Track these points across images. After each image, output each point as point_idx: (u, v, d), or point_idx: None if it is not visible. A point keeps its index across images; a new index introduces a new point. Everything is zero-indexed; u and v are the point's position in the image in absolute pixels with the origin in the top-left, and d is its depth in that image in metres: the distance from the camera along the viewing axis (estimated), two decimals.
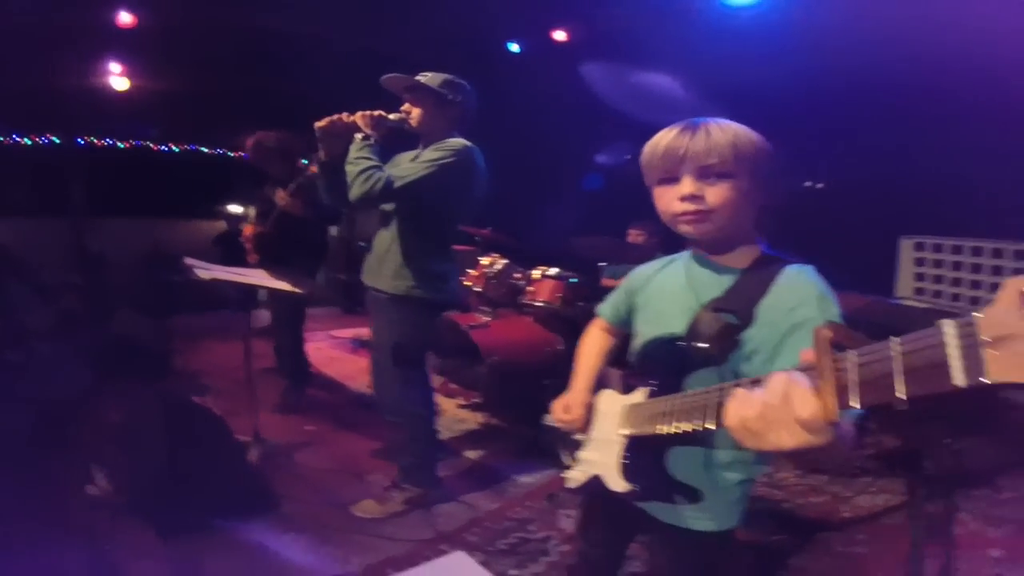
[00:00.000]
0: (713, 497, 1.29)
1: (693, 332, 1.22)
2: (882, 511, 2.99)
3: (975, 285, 2.12)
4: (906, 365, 0.55)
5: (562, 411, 1.50)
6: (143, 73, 6.91)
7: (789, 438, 0.73)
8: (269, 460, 3.25)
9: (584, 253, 4.03)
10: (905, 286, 2.38)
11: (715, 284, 1.28)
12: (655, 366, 1.29)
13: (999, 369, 0.47)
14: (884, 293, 2.42)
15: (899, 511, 2.95)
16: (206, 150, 9.25)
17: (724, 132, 1.19)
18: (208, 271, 3.14)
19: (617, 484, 1.27)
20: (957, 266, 2.20)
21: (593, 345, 1.62)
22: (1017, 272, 1.96)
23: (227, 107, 7.26)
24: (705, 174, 1.19)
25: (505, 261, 4.28)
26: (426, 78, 2.65)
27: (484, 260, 4.33)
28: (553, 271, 4.11)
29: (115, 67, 6.84)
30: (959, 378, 0.50)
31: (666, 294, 1.40)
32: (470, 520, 2.86)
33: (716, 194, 1.19)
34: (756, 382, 0.86)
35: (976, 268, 2.11)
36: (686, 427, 1.03)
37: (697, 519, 1.32)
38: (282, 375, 4.32)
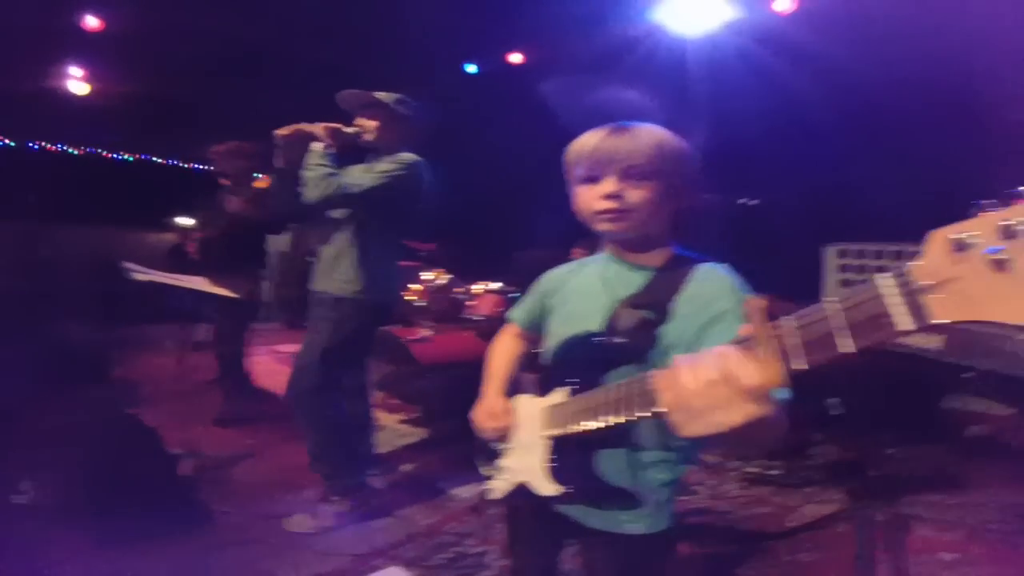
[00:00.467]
0: (640, 498, 1.27)
1: (611, 328, 1.23)
2: (828, 519, 3.00)
3: None
4: (849, 320, 0.58)
5: (487, 419, 1.46)
6: (105, 78, 6.83)
7: (736, 413, 0.70)
8: (204, 472, 3.22)
9: (527, 268, 4.11)
10: (832, 292, 2.46)
11: (631, 282, 1.30)
12: (573, 365, 1.27)
13: (944, 311, 0.50)
14: (814, 299, 2.52)
15: (845, 519, 2.95)
16: (159, 160, 9.13)
17: (650, 135, 1.24)
18: (146, 274, 3.18)
19: (546, 488, 1.24)
20: (880, 270, 2.29)
21: (505, 350, 1.61)
22: None
23: (184, 118, 7.18)
24: (628, 175, 1.23)
25: (449, 276, 4.35)
26: (382, 95, 2.83)
27: (427, 275, 4.39)
28: (495, 286, 4.18)
29: (76, 71, 6.76)
30: (905, 323, 0.52)
31: (582, 294, 1.40)
32: (406, 535, 2.81)
33: (637, 195, 1.23)
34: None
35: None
36: (615, 420, 1.02)
37: (629, 522, 1.28)
38: (223, 388, 4.29)
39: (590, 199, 1.28)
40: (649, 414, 0.93)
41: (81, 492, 2.57)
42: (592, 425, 1.10)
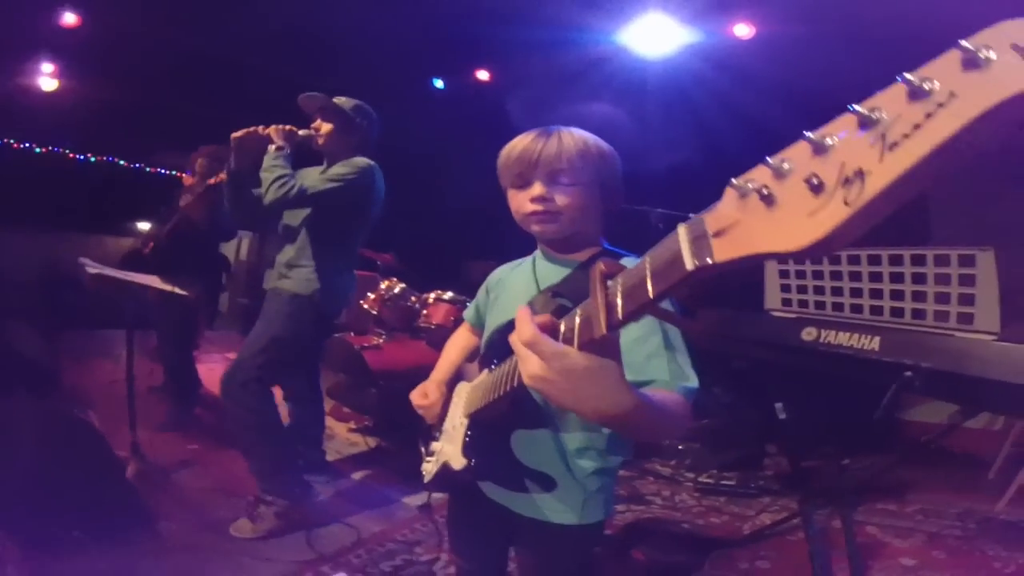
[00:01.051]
0: (569, 486, 1.28)
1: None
2: (785, 527, 3.01)
3: (836, 292, 2.26)
4: (651, 269, 0.61)
5: (420, 396, 1.52)
6: (74, 75, 6.73)
7: (532, 366, 0.77)
8: (147, 478, 3.10)
9: (477, 278, 4.12)
10: (773, 299, 2.50)
11: (556, 276, 1.35)
12: (495, 351, 1.28)
13: (722, 252, 0.53)
14: (756, 307, 2.56)
15: (800, 528, 2.87)
16: (123, 163, 9.00)
17: (575, 140, 1.29)
18: (97, 268, 3.16)
19: (457, 461, 1.26)
20: (818, 275, 2.33)
21: (455, 342, 1.68)
22: (872, 276, 2.13)
23: (154, 122, 7.11)
24: (554, 179, 1.28)
25: (402, 285, 4.34)
26: (340, 101, 2.90)
27: (383, 284, 4.37)
28: (448, 295, 4.18)
29: (47, 67, 6.64)
30: (689, 263, 0.55)
31: (514, 287, 1.47)
32: (354, 542, 2.76)
33: (563, 197, 1.28)
34: None
35: (836, 275, 2.26)
36: (510, 386, 1.03)
37: (556, 511, 1.29)
38: (169, 393, 4.21)
39: (520, 202, 1.33)
40: (515, 383, 0.97)
41: (25, 498, 2.48)
42: (493, 396, 1.12)
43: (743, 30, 4.44)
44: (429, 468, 1.44)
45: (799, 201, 0.47)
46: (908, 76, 0.42)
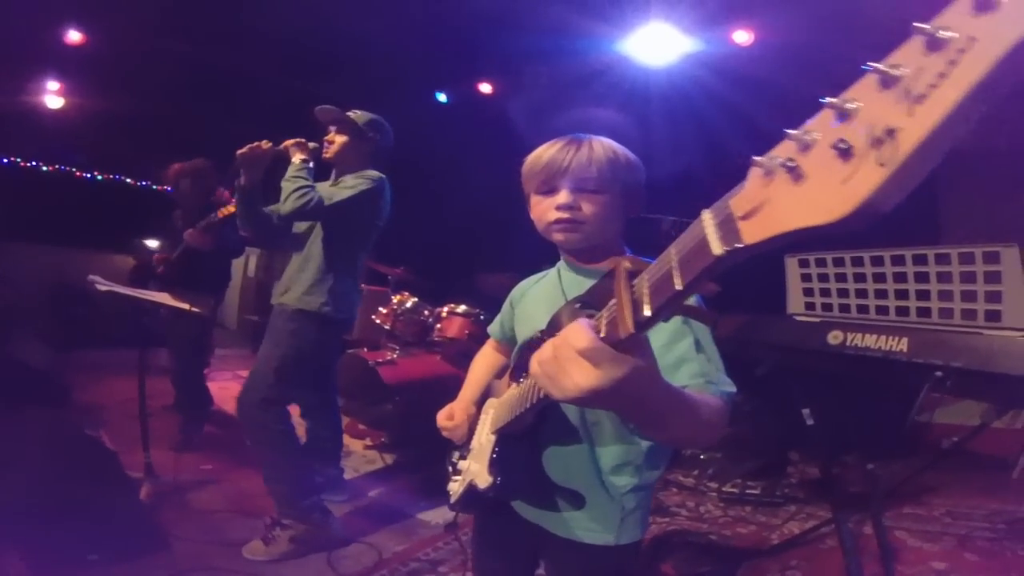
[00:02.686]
0: (604, 505, 1.24)
1: (553, 324, 1.22)
2: (815, 535, 2.96)
3: (861, 294, 2.23)
4: (678, 260, 0.58)
5: (445, 418, 1.49)
6: (80, 93, 6.76)
7: (580, 375, 0.69)
8: (161, 498, 3.07)
9: (489, 290, 4.12)
10: (796, 302, 2.46)
11: (582, 286, 1.28)
12: (523, 363, 1.25)
13: (750, 233, 0.50)
14: (778, 312, 2.53)
15: (831, 534, 2.86)
16: (130, 181, 9.03)
17: (604, 149, 1.28)
18: (107, 285, 3.13)
19: (483, 480, 1.22)
20: (841, 277, 2.30)
21: (483, 361, 1.65)
22: (896, 276, 2.10)
23: (159, 138, 7.12)
24: (581, 187, 1.26)
25: (415, 299, 4.31)
26: (354, 115, 2.91)
27: (395, 298, 4.35)
28: (461, 308, 4.16)
29: (53, 85, 6.68)
30: (717, 248, 0.52)
31: (540, 298, 1.44)
32: (376, 562, 2.69)
33: (589, 206, 1.26)
34: None
35: (859, 277, 2.23)
36: (536, 398, 1.01)
37: (591, 531, 1.25)
38: (180, 412, 4.16)
39: (545, 210, 1.31)
40: (541, 395, 0.94)
41: (36, 517, 2.45)
42: (521, 409, 1.09)
43: (743, 36, 4.46)
44: (455, 488, 1.41)
45: (829, 170, 0.44)
46: (922, 26, 0.40)
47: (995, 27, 0.37)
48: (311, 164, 2.73)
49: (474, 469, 1.31)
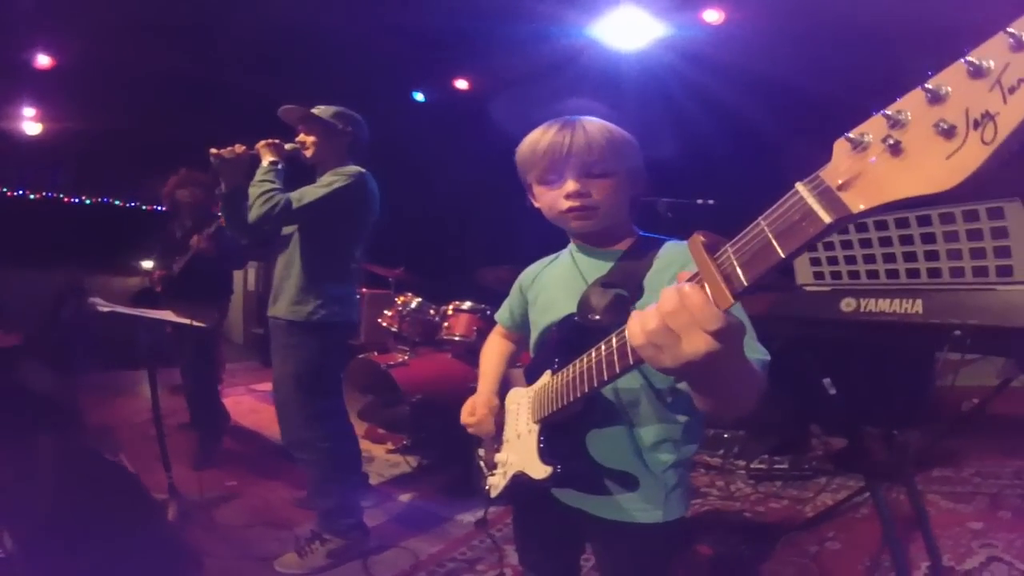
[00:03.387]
0: (649, 484, 1.24)
1: (584, 307, 1.25)
2: (848, 505, 2.95)
3: (868, 259, 2.23)
4: (775, 231, 0.62)
5: (467, 415, 1.49)
6: (57, 117, 6.69)
7: (698, 341, 0.70)
8: (188, 517, 3.05)
9: (491, 284, 4.12)
10: (804, 273, 2.47)
11: (601, 266, 1.32)
12: (554, 349, 1.27)
13: (856, 202, 0.56)
14: (787, 285, 2.53)
15: (865, 503, 2.91)
16: (118, 203, 8.98)
17: (599, 129, 1.26)
18: (109, 307, 3.09)
19: (538, 470, 1.21)
20: (847, 244, 2.31)
21: (494, 349, 1.63)
22: (902, 239, 2.11)
23: (140, 154, 7.07)
24: (587, 172, 1.25)
25: (419, 299, 4.31)
26: (319, 110, 2.76)
27: (398, 299, 4.35)
28: (467, 304, 4.16)
29: (28, 111, 6.61)
30: (827, 217, 0.57)
31: (556, 283, 1.42)
32: (412, 565, 2.67)
33: (599, 190, 1.26)
34: None
35: (865, 243, 2.23)
36: (599, 382, 0.99)
37: (641, 510, 1.25)
38: (196, 429, 4.14)
39: (554, 199, 1.30)
40: (629, 362, 0.90)
41: (63, 545, 2.44)
42: (578, 394, 1.07)
43: (713, 16, 4.49)
44: (496, 481, 1.40)
45: (932, 146, 0.51)
46: (1011, 30, 0.47)
47: None
48: (280, 166, 2.60)
49: (517, 460, 1.30)
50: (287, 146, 2.70)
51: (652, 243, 1.31)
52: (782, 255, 0.62)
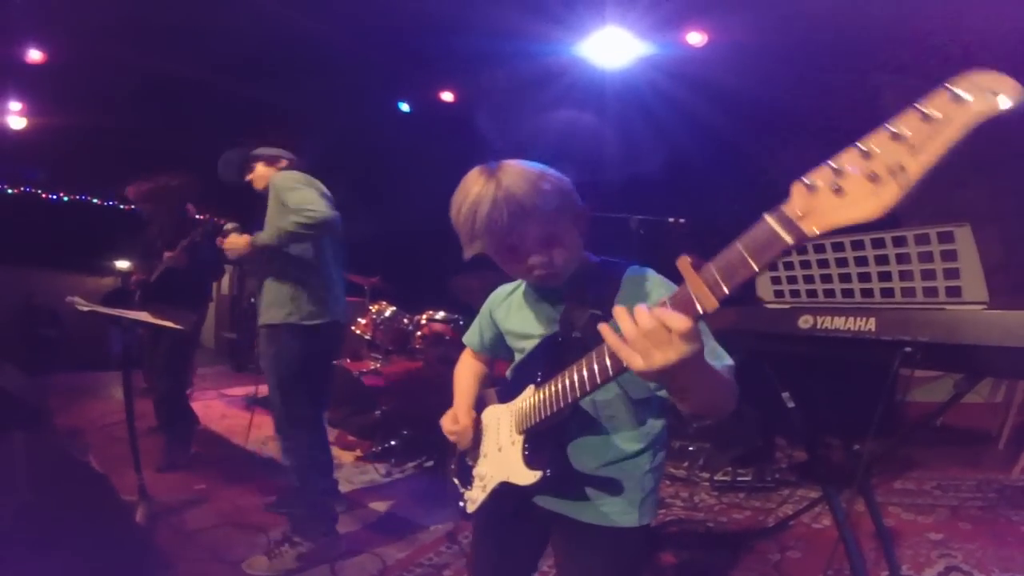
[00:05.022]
0: (630, 487, 1.31)
1: (565, 325, 1.31)
2: (809, 518, 3.03)
3: (826, 279, 2.32)
4: (749, 251, 0.80)
5: (450, 423, 1.51)
6: (42, 112, 6.62)
7: (673, 349, 0.88)
8: (157, 519, 3.06)
9: (464, 295, 4.16)
10: (765, 291, 2.55)
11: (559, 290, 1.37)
12: (536, 366, 1.32)
13: (811, 229, 0.74)
14: (749, 302, 2.62)
15: (824, 516, 3.01)
16: (96, 201, 8.88)
17: (535, 190, 1.22)
18: (88, 306, 3.10)
19: (525, 477, 1.26)
20: (806, 264, 2.39)
21: (467, 368, 1.68)
22: (857, 260, 2.19)
23: (124, 155, 7.01)
24: (545, 243, 1.26)
25: (393, 308, 4.34)
26: (258, 151, 3.01)
27: (373, 308, 4.38)
28: (440, 315, 4.20)
29: (14, 105, 6.53)
30: (789, 239, 0.76)
31: (525, 309, 1.47)
32: (380, 570, 2.70)
33: (560, 252, 1.27)
34: None
35: (823, 263, 2.32)
36: (585, 390, 1.09)
37: (619, 513, 1.31)
38: (164, 432, 4.12)
39: (519, 271, 1.33)
40: (611, 375, 1.04)
41: (29, 545, 2.42)
42: (565, 402, 1.16)
43: (696, 38, 4.58)
44: (475, 495, 1.42)
45: (864, 188, 0.70)
46: (919, 106, 0.66)
47: (962, 114, 0.64)
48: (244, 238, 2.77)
49: (499, 472, 1.35)
50: (228, 227, 2.85)
51: (613, 267, 1.38)
52: (755, 268, 0.80)
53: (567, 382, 1.14)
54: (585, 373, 1.09)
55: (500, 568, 1.56)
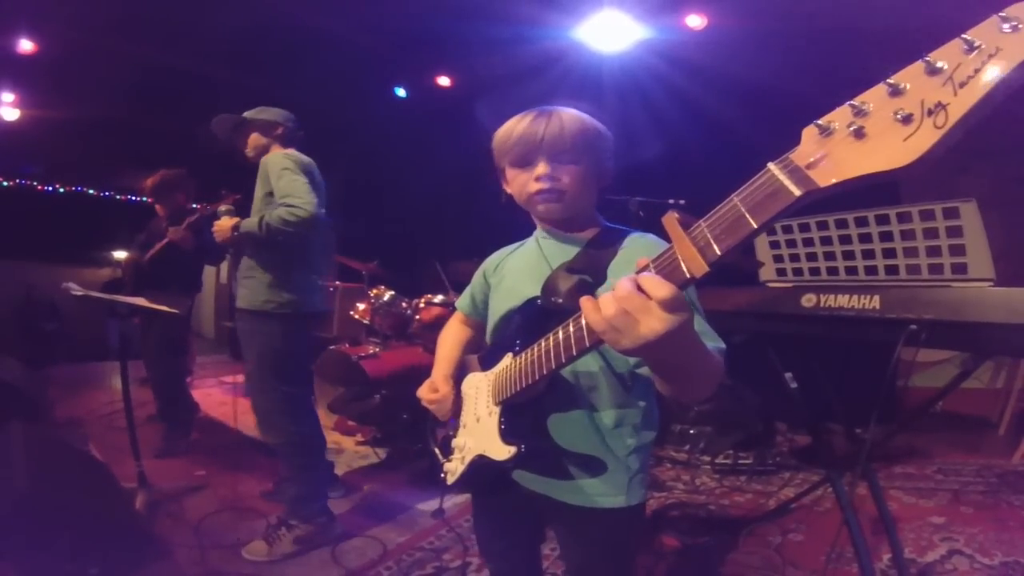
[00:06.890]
0: (612, 468, 1.25)
1: (548, 290, 1.27)
2: (810, 500, 3.02)
3: (829, 256, 2.29)
4: (748, 206, 0.68)
5: (429, 392, 1.47)
6: (36, 104, 6.57)
7: (656, 322, 0.76)
8: (157, 506, 3.06)
9: (464, 279, 4.14)
10: (767, 270, 2.53)
11: (565, 254, 1.33)
12: (516, 332, 1.27)
13: (822, 177, 0.63)
14: (752, 282, 2.59)
15: (825, 499, 2.98)
16: (92, 192, 8.84)
17: (574, 119, 1.30)
18: (83, 291, 3.10)
19: (500, 452, 1.20)
20: (808, 242, 2.36)
21: (451, 334, 1.64)
22: (861, 237, 2.17)
23: (118, 145, 6.98)
24: (558, 157, 1.28)
25: (391, 292, 4.33)
26: (249, 113, 2.94)
27: (371, 292, 4.36)
28: (438, 299, 4.18)
29: (7, 96, 6.48)
30: (797, 190, 0.64)
31: (521, 268, 1.44)
32: (380, 554, 2.69)
33: (568, 175, 1.28)
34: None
35: (826, 240, 2.29)
36: (559, 361, 1.02)
37: (604, 495, 1.25)
38: (163, 420, 4.12)
39: (524, 182, 1.33)
40: (587, 344, 0.93)
41: (31, 533, 2.41)
42: (541, 374, 1.08)
43: (695, 21, 4.54)
44: (454, 467, 1.37)
45: (891, 130, 0.59)
46: (964, 36, 0.56)
47: (1016, 43, 0.54)
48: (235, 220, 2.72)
49: (476, 444, 1.30)
50: (221, 209, 2.80)
51: (618, 233, 1.34)
52: (754, 226, 0.68)
53: (544, 351, 1.07)
54: (561, 342, 1.00)
55: (502, 549, 1.54)
